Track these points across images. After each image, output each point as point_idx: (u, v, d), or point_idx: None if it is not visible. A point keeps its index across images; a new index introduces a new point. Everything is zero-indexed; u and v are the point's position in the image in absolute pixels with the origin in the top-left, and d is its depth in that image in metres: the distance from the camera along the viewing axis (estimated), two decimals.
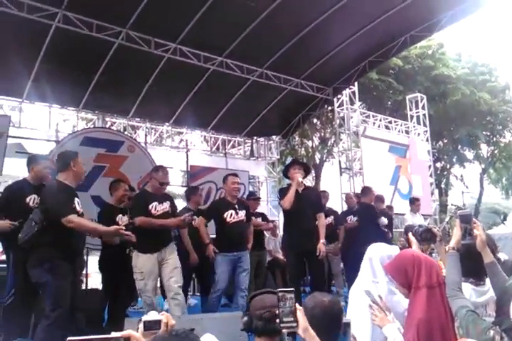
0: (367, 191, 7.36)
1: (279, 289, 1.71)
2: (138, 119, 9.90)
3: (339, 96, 11.18)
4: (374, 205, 7.32)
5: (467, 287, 2.37)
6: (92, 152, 7.33)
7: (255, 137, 11.54)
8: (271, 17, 7.61)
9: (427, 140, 13.53)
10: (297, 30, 8.27)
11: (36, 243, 3.46)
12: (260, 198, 8.40)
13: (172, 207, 4.75)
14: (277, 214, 11.41)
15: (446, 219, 7.64)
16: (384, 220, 7.25)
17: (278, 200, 5.56)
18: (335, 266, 7.32)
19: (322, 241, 4.99)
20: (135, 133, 10.14)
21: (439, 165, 21.43)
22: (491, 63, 20.40)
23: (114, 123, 9.76)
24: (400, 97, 16.67)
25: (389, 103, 18.40)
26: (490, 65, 20.13)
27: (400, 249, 3.02)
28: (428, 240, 3.48)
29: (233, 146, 11.52)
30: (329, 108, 14.10)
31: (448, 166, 22.18)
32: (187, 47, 8.08)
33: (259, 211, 7.63)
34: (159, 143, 10.79)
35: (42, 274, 3.40)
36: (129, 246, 5.02)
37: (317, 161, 18.75)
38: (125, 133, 9.07)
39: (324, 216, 5.47)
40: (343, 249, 7.12)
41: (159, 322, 1.57)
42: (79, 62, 7.50)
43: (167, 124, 10.19)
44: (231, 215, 5.21)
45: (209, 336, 2.02)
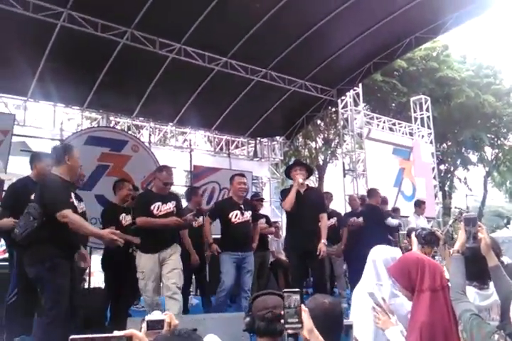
0: (373, 193, 7.32)
1: (285, 289, 1.71)
2: (142, 119, 9.92)
3: (343, 97, 11.18)
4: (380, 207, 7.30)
5: (471, 290, 2.36)
6: (96, 151, 7.35)
7: (259, 138, 11.55)
8: (275, 18, 7.62)
9: (431, 142, 13.49)
10: (302, 31, 8.28)
11: (36, 239, 3.35)
12: (264, 199, 8.39)
13: (177, 208, 4.69)
14: (280, 215, 11.41)
15: (449, 222, 7.61)
16: (392, 221, 7.22)
17: (280, 202, 5.54)
18: (337, 268, 7.29)
19: (323, 241, 4.95)
20: (139, 132, 10.16)
21: (443, 167, 21.39)
22: (496, 66, 20.43)
23: (118, 122, 9.78)
24: (404, 99, 16.65)
25: (393, 105, 18.38)
26: (495, 68, 20.12)
27: (403, 252, 3.01)
28: (431, 243, 3.47)
29: (237, 147, 11.54)
30: (333, 109, 14.13)
31: (452, 169, 22.14)
32: (192, 47, 8.09)
33: (262, 212, 7.61)
34: (163, 142, 10.81)
35: (41, 272, 3.32)
36: (132, 245, 5.05)
37: (320, 162, 18.76)
38: (129, 132, 9.08)
39: (327, 217, 5.44)
40: (346, 251, 7.11)
41: (162, 321, 1.57)
42: (84, 61, 7.52)
43: (171, 124, 10.20)
44: (236, 215, 5.18)
45: (212, 336, 2.02)
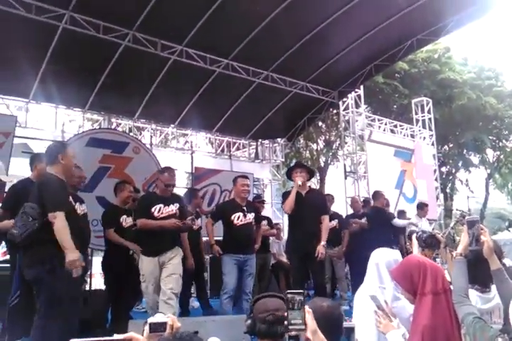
0: (378, 195, 7.27)
1: (288, 291, 1.71)
2: (143, 121, 9.94)
3: (345, 99, 11.18)
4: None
5: (472, 293, 2.36)
6: (98, 153, 7.35)
7: (260, 139, 11.55)
8: (277, 20, 7.63)
9: (433, 144, 13.49)
10: (303, 33, 8.29)
11: (36, 240, 3.25)
12: (265, 201, 8.39)
13: (181, 210, 4.64)
14: (281, 216, 11.40)
15: (451, 224, 7.60)
16: (399, 221, 7.21)
17: (281, 204, 5.52)
18: (339, 270, 7.28)
19: (322, 243, 4.92)
20: (140, 134, 10.17)
21: (445, 169, 21.37)
22: (498, 68, 20.42)
23: (120, 124, 9.80)
24: (406, 101, 16.64)
25: (394, 107, 18.37)
26: (496, 70, 20.11)
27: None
28: (432, 246, 3.46)
29: (238, 148, 11.54)
30: (334, 111, 14.12)
31: (453, 171, 22.11)
32: (193, 49, 8.11)
33: (263, 214, 7.60)
34: (164, 144, 10.82)
35: (41, 274, 3.26)
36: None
37: (322, 164, 18.75)
38: (130, 134, 9.09)
39: (328, 219, 5.41)
40: (348, 253, 7.10)
41: (165, 324, 1.57)
42: (85, 63, 7.55)
43: (172, 126, 10.22)
44: (239, 217, 5.14)
45: (215, 340, 2.01)
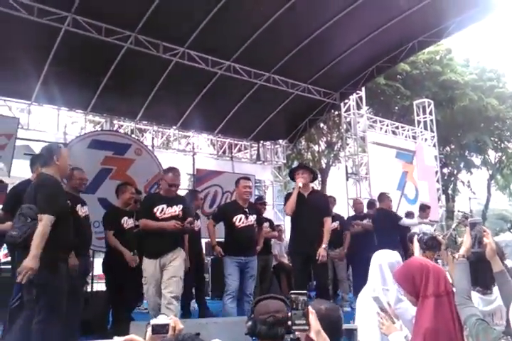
0: (383, 197, 7.22)
1: (292, 291, 1.72)
2: (145, 122, 9.95)
3: (346, 101, 11.17)
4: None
5: (474, 295, 2.35)
6: (100, 154, 7.37)
7: (262, 141, 11.55)
8: (279, 21, 7.64)
9: (434, 145, 13.48)
10: (305, 35, 8.29)
11: None
12: (267, 203, 8.39)
13: (184, 211, 4.59)
14: (283, 218, 11.40)
15: (453, 225, 7.58)
16: (406, 221, 7.20)
17: (283, 205, 5.50)
18: (340, 272, 7.26)
19: (324, 245, 4.89)
20: (142, 136, 10.19)
21: (446, 170, 21.35)
22: (499, 69, 20.40)
23: (122, 126, 9.82)
24: (408, 102, 16.63)
25: (396, 108, 18.36)
26: (498, 71, 20.09)
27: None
28: (433, 248, 3.46)
29: (240, 150, 11.54)
30: (336, 113, 14.12)
31: (455, 172, 22.09)
32: (195, 51, 8.11)
33: (265, 216, 7.60)
34: (166, 146, 10.82)
35: (42, 276, 3.23)
36: (133, 248, 5.04)
37: (323, 166, 18.74)
38: (132, 136, 9.10)
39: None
40: (350, 254, 7.09)
41: (167, 325, 1.58)
42: (88, 65, 7.56)
43: (174, 127, 10.22)
44: (240, 219, 5.10)
45: None
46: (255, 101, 9.58)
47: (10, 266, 4.52)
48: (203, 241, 7.27)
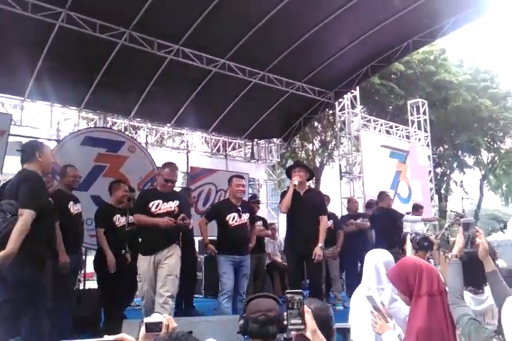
0: (383, 196, 7.19)
1: (287, 290, 1.72)
2: (139, 120, 9.90)
3: (340, 100, 11.19)
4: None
5: (466, 295, 2.37)
6: (93, 152, 7.34)
7: (256, 139, 11.55)
8: (274, 20, 7.63)
9: (428, 145, 13.54)
10: (300, 33, 8.29)
11: None
12: (260, 201, 8.39)
13: (180, 207, 4.53)
14: (277, 216, 11.42)
15: (445, 225, 7.61)
16: (411, 218, 7.21)
17: (279, 203, 5.48)
18: (333, 270, 7.27)
19: (320, 245, 4.87)
20: (136, 133, 10.14)
21: (439, 170, 21.44)
22: (493, 70, 20.50)
23: (115, 123, 9.78)
24: (401, 102, 16.68)
25: (390, 108, 18.41)
26: (492, 72, 20.19)
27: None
28: (425, 248, 3.48)
29: (234, 148, 11.53)
30: (330, 112, 14.14)
31: (448, 172, 22.20)
32: (190, 48, 8.09)
33: (259, 214, 7.59)
34: (160, 143, 10.79)
35: (30, 273, 3.18)
36: (125, 246, 5.02)
37: (317, 164, 18.76)
38: (126, 133, 9.07)
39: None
40: (343, 253, 7.10)
41: (160, 324, 1.58)
42: (81, 61, 7.53)
43: (168, 125, 10.20)
44: (233, 218, 5.07)
45: None
46: (250, 99, 9.57)
47: None
48: (196, 239, 7.26)
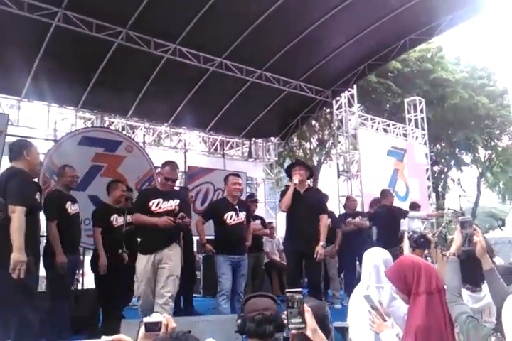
0: (386, 193, 7.12)
1: (287, 289, 1.72)
2: (136, 119, 9.90)
3: (338, 98, 11.19)
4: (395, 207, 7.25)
5: (464, 293, 2.37)
6: (90, 151, 7.31)
7: (253, 138, 11.55)
8: (270, 19, 7.63)
9: (425, 143, 13.54)
10: (297, 32, 8.29)
11: (2, 234, 3.08)
12: (258, 200, 8.38)
13: (180, 206, 4.48)
14: (275, 215, 11.43)
15: (443, 223, 7.61)
16: (416, 214, 7.20)
17: (279, 201, 5.44)
18: (331, 269, 7.28)
19: (321, 243, 4.84)
20: (133, 133, 10.13)
21: (437, 168, 21.48)
22: (490, 67, 20.52)
23: (113, 122, 9.76)
24: (399, 100, 16.69)
25: (387, 106, 18.43)
26: (488, 69, 20.22)
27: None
28: (422, 246, 3.49)
29: (231, 147, 11.53)
30: (328, 110, 14.14)
31: (445, 170, 22.23)
32: (187, 47, 8.08)
33: (257, 213, 7.59)
34: (157, 143, 10.79)
35: (7, 270, 3.05)
36: (121, 246, 5.01)
37: (315, 163, 18.77)
38: (123, 132, 9.05)
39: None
40: (341, 252, 7.10)
41: (160, 323, 1.58)
42: (78, 61, 7.51)
43: (165, 124, 10.19)
44: (231, 217, 5.02)
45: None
46: (247, 98, 9.57)
47: None
48: (194, 238, 7.25)
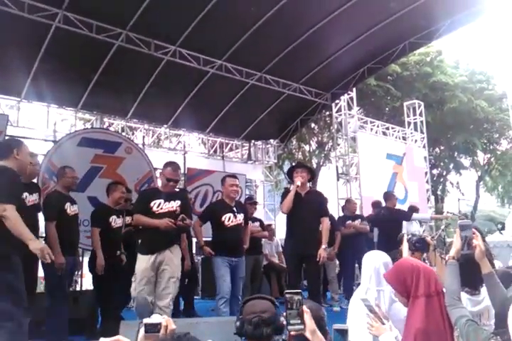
0: (389, 196, 7.15)
1: (286, 291, 1.72)
2: (136, 120, 9.89)
3: (337, 101, 11.20)
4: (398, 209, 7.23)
5: (463, 296, 2.38)
6: (90, 153, 7.32)
7: (253, 140, 11.54)
8: (271, 21, 7.64)
9: (424, 146, 13.55)
10: (297, 35, 8.30)
11: None
12: (257, 202, 8.37)
13: (182, 207, 4.46)
14: (273, 217, 11.43)
15: (442, 226, 7.62)
16: (419, 216, 7.21)
17: (280, 203, 5.42)
18: (330, 271, 7.28)
19: (324, 246, 4.84)
20: (133, 134, 10.13)
21: (436, 171, 21.48)
22: (489, 71, 20.52)
23: (112, 124, 9.76)
24: (398, 103, 16.71)
25: (387, 109, 18.44)
26: (487, 73, 20.23)
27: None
28: (421, 249, 3.49)
29: (231, 149, 11.53)
30: (327, 113, 14.15)
31: (444, 173, 22.24)
32: (187, 49, 8.08)
33: (256, 216, 7.58)
34: (157, 144, 10.79)
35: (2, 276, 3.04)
36: (119, 248, 5.00)
37: (314, 166, 18.77)
38: (123, 134, 9.06)
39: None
40: (340, 255, 7.09)
41: (159, 325, 1.58)
42: (78, 62, 7.52)
43: (165, 126, 10.18)
44: (229, 218, 4.99)
45: None
46: (247, 100, 9.58)
47: None
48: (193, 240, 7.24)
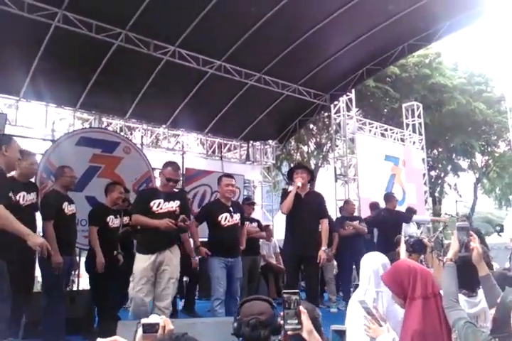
0: (390, 197, 7.12)
1: (284, 291, 1.72)
2: (134, 120, 9.89)
3: (336, 102, 11.23)
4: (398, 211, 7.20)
5: (460, 298, 2.38)
6: (88, 152, 7.29)
7: (251, 141, 11.56)
8: (270, 22, 7.65)
9: (422, 148, 13.59)
10: (296, 36, 8.32)
11: None
12: (255, 203, 8.37)
13: (182, 208, 4.42)
14: (271, 218, 11.43)
15: (439, 228, 7.63)
16: (420, 217, 7.15)
17: (280, 204, 5.40)
18: (327, 273, 7.26)
19: (323, 248, 4.81)
20: (131, 134, 10.13)
21: (434, 173, 21.51)
22: (487, 73, 20.54)
23: (111, 123, 9.75)
24: (396, 105, 16.74)
25: (385, 110, 18.46)
26: (486, 76, 20.26)
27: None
28: (419, 251, 3.49)
29: (229, 150, 11.53)
30: (326, 114, 14.16)
31: (442, 175, 22.26)
32: (186, 50, 8.09)
33: (254, 216, 7.57)
34: (155, 144, 10.78)
35: None
36: (116, 248, 4.99)
37: (312, 167, 18.78)
38: (121, 134, 9.04)
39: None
40: (338, 256, 7.09)
41: (157, 325, 1.58)
42: (77, 62, 7.52)
43: (164, 126, 10.19)
44: (226, 218, 4.95)
45: None
46: (245, 101, 9.59)
47: None
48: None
